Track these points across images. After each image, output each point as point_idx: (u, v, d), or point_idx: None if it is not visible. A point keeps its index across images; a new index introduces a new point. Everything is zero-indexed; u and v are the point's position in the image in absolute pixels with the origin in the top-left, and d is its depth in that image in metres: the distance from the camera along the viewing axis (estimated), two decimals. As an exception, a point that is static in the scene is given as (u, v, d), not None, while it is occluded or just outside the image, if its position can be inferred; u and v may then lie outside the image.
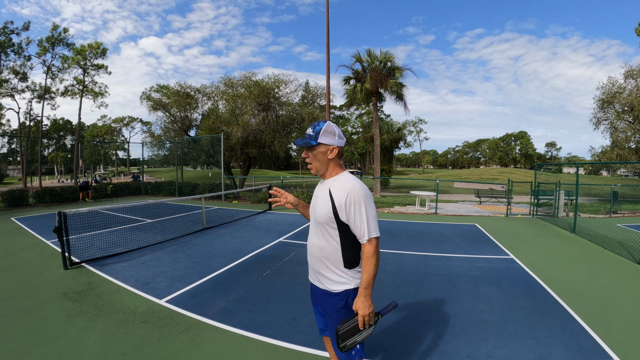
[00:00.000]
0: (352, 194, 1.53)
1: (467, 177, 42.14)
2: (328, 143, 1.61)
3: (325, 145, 1.62)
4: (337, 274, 1.63)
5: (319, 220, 1.64)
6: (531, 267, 4.97)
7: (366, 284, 1.51)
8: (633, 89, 19.31)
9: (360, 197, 1.52)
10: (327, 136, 1.61)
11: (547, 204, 11.42)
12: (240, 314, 3.32)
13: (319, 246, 1.66)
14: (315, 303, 1.84)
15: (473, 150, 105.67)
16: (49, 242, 6.29)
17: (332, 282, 1.64)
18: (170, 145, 20.52)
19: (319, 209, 1.64)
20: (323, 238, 1.64)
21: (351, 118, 58.22)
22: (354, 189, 1.54)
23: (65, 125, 49.11)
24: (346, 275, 1.62)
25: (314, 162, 1.66)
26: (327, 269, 1.65)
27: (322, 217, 1.62)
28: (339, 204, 1.55)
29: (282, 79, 17.63)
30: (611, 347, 2.72)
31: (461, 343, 2.80)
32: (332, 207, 1.57)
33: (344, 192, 1.54)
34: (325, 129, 1.60)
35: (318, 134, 1.60)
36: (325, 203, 1.60)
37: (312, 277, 1.79)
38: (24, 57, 24.92)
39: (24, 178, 26.70)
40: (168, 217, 9.54)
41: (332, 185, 1.62)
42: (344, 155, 1.89)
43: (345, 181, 1.58)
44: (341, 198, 1.54)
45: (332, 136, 1.61)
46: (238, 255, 5.45)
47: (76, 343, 2.75)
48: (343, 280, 1.62)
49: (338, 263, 1.62)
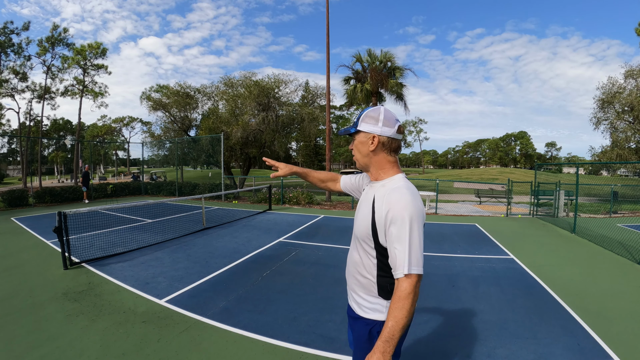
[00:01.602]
0: (396, 209, 1.14)
1: (467, 177, 42.14)
2: (368, 130, 1.27)
3: (364, 134, 1.29)
4: (369, 300, 1.31)
5: (357, 235, 1.33)
6: (531, 267, 4.97)
7: (389, 336, 1.07)
8: (633, 89, 19.31)
9: (406, 214, 1.12)
10: (368, 122, 1.27)
11: (547, 204, 11.42)
12: (240, 314, 3.32)
13: (354, 262, 1.37)
14: (349, 319, 1.55)
15: (473, 150, 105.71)
16: (49, 242, 6.29)
17: (361, 305, 1.34)
18: (170, 145, 20.53)
19: (358, 220, 1.33)
20: (358, 255, 1.35)
21: (351, 118, 58.19)
22: (400, 203, 1.14)
23: (65, 125, 49.13)
24: (379, 304, 1.28)
25: (356, 153, 1.36)
26: (359, 289, 1.35)
27: (359, 231, 1.30)
28: (379, 220, 1.19)
29: (282, 79, 17.65)
30: (611, 347, 2.72)
31: (461, 343, 2.79)
32: (371, 222, 1.23)
33: (387, 205, 1.16)
34: (367, 114, 1.28)
35: (359, 120, 1.30)
36: (366, 215, 1.27)
37: (348, 294, 1.50)
38: (24, 57, 24.97)
39: (24, 178, 26.70)
40: (168, 217, 9.54)
41: (377, 192, 1.26)
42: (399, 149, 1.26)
43: (393, 190, 1.20)
44: (382, 212, 1.18)
45: (374, 122, 1.26)
46: (238, 255, 5.45)
47: (76, 343, 2.75)
48: (375, 308, 1.29)
49: (371, 287, 1.30)
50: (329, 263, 5.11)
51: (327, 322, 3.15)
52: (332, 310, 3.41)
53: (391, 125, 1.26)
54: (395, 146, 1.29)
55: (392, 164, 1.30)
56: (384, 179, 1.30)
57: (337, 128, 57.57)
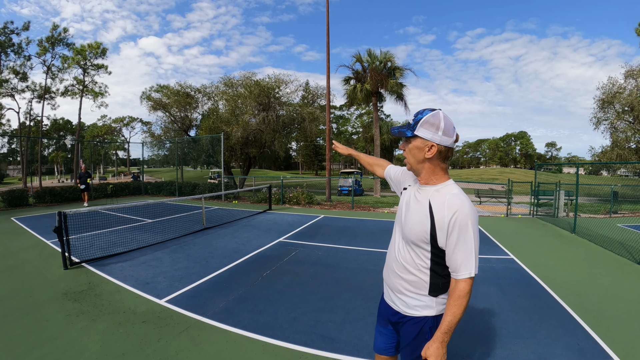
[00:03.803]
0: (459, 215, 1.21)
1: (467, 177, 42.16)
2: (426, 137, 1.28)
3: (422, 140, 1.30)
4: (418, 298, 1.36)
5: (409, 237, 1.34)
6: (531, 267, 4.97)
7: (448, 328, 1.23)
8: (633, 89, 19.32)
9: (468, 221, 1.21)
10: (427, 128, 1.28)
11: (547, 204, 11.42)
12: (240, 314, 3.32)
13: (403, 262, 1.39)
14: (384, 323, 1.58)
15: (473, 150, 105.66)
16: (49, 242, 6.29)
17: (409, 305, 1.39)
18: (170, 145, 20.54)
19: (411, 224, 1.34)
20: (409, 255, 1.37)
21: (351, 118, 58.24)
22: (463, 209, 1.22)
23: (65, 125, 49.13)
24: (430, 300, 1.35)
25: (409, 157, 1.37)
26: (406, 289, 1.38)
27: (413, 234, 1.32)
28: (440, 225, 1.25)
29: (283, 79, 17.67)
30: (611, 347, 2.72)
31: (461, 343, 2.79)
32: (430, 226, 1.27)
33: (450, 211, 1.23)
34: (426, 119, 1.28)
35: (417, 124, 1.30)
36: (423, 219, 1.29)
37: (386, 296, 1.54)
38: (24, 57, 24.96)
39: (24, 178, 26.70)
40: (168, 217, 9.54)
41: (433, 198, 1.30)
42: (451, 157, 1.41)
43: (452, 196, 1.26)
44: (444, 218, 1.24)
45: (434, 130, 1.27)
46: (238, 255, 5.45)
47: (76, 343, 2.75)
48: (426, 305, 1.36)
49: (422, 288, 1.35)
50: (329, 263, 5.11)
51: (327, 322, 3.15)
52: (332, 310, 3.41)
53: (450, 135, 1.28)
54: (450, 155, 1.33)
55: (444, 170, 1.35)
56: (437, 184, 1.33)
57: (337, 128, 57.61)
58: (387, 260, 1.52)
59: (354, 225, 8.60)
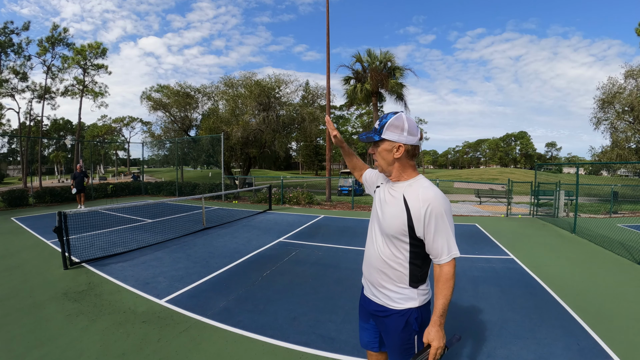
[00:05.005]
0: (433, 205, 1.30)
1: (467, 177, 42.16)
2: (393, 140, 1.37)
3: (389, 142, 1.38)
4: (400, 291, 1.42)
5: (387, 231, 1.41)
6: (531, 267, 4.97)
7: (442, 311, 1.31)
8: (633, 89, 19.32)
9: (442, 209, 1.30)
10: (392, 131, 1.37)
11: (547, 204, 11.42)
12: (240, 314, 3.32)
13: (383, 257, 1.44)
14: (366, 319, 1.64)
15: (473, 151, 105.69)
16: (49, 242, 6.29)
17: (393, 299, 1.44)
18: (170, 145, 20.53)
19: (389, 218, 1.40)
20: (387, 249, 1.43)
21: (351, 118, 58.26)
22: (436, 200, 1.31)
23: (65, 125, 49.18)
24: (411, 292, 1.42)
25: (379, 160, 1.45)
26: (388, 283, 1.44)
27: (391, 228, 1.39)
28: (416, 216, 1.33)
29: (283, 79, 17.67)
30: (611, 347, 2.72)
31: (461, 343, 2.79)
32: (407, 218, 1.34)
33: (424, 202, 1.31)
34: (391, 123, 1.37)
35: (383, 128, 1.38)
36: (399, 213, 1.37)
37: (367, 291, 1.58)
38: (24, 57, 24.94)
39: (24, 178, 26.69)
40: (168, 217, 9.54)
41: (407, 192, 1.38)
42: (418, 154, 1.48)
43: (424, 189, 1.34)
44: (420, 209, 1.32)
45: (399, 131, 1.36)
46: (238, 255, 5.45)
47: (76, 343, 2.75)
48: (408, 297, 1.42)
49: (403, 279, 1.41)
50: (329, 263, 5.11)
51: (327, 322, 3.15)
52: (332, 310, 3.41)
53: (415, 134, 1.38)
54: (417, 152, 1.42)
55: (413, 167, 1.44)
56: (408, 179, 1.43)
57: (337, 128, 57.61)
58: (366, 257, 1.57)
59: (354, 225, 8.60)
